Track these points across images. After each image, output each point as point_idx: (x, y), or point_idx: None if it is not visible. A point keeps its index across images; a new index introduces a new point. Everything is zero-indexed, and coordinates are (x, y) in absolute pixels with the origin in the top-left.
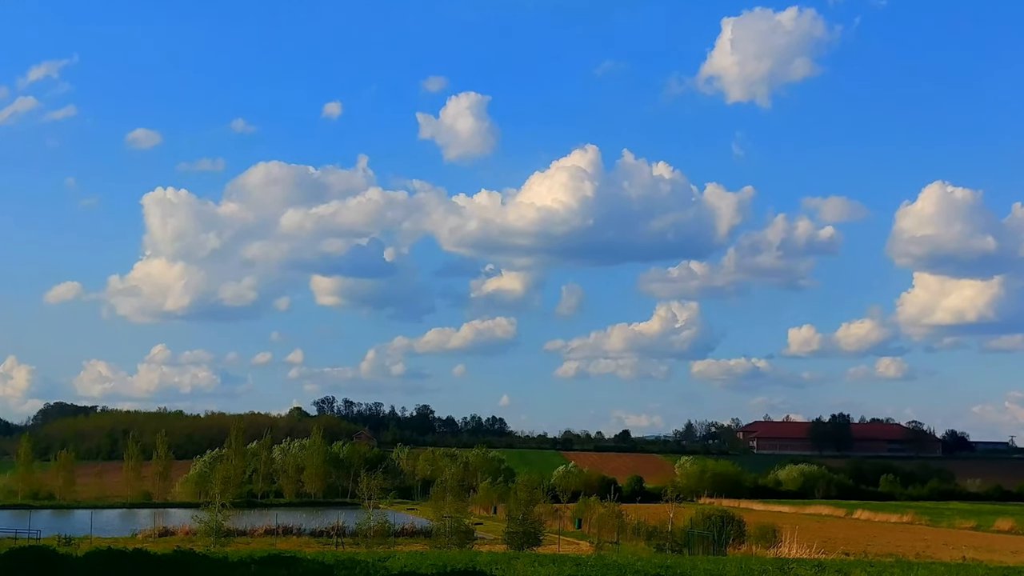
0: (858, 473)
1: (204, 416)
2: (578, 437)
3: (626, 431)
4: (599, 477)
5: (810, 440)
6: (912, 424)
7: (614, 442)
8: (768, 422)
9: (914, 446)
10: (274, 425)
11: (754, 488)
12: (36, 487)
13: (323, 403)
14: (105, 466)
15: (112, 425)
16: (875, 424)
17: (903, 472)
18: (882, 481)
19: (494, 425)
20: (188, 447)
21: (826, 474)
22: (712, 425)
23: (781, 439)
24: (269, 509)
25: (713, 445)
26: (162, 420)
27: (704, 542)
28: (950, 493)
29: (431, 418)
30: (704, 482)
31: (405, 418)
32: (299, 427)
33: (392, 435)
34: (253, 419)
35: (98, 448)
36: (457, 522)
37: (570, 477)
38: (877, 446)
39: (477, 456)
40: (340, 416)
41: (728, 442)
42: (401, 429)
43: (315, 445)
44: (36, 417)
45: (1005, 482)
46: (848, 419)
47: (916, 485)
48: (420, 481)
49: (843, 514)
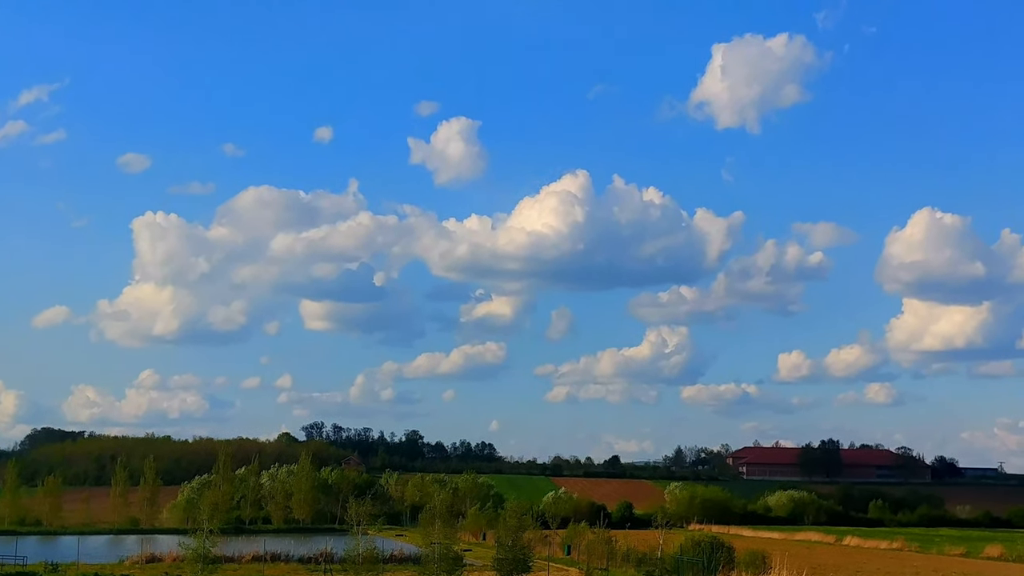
0: (847, 499)
1: (192, 441)
2: (567, 463)
3: (616, 456)
4: (588, 503)
5: (800, 466)
6: (901, 450)
7: (604, 468)
8: (758, 448)
9: (903, 472)
10: (262, 450)
11: (744, 514)
12: (23, 513)
13: (312, 428)
14: (92, 492)
15: (100, 450)
16: (864, 450)
17: (892, 498)
18: (871, 507)
19: (483, 450)
20: (176, 473)
21: (816, 500)
22: (702, 451)
23: (771, 465)
24: (257, 535)
25: (703, 471)
26: (150, 445)
27: (694, 569)
28: (939, 519)
29: (420, 443)
30: (694, 508)
31: (394, 443)
32: (288, 452)
33: (381, 460)
34: (241, 444)
35: (85, 474)
36: (446, 548)
37: (559, 503)
38: (866, 472)
39: (466, 482)
40: (329, 441)
41: (718, 468)
42: (390, 454)
43: (303, 471)
44: (23, 442)
45: (994, 508)
46: (837, 445)
47: (905, 511)
48: (409, 507)
49: (833, 540)
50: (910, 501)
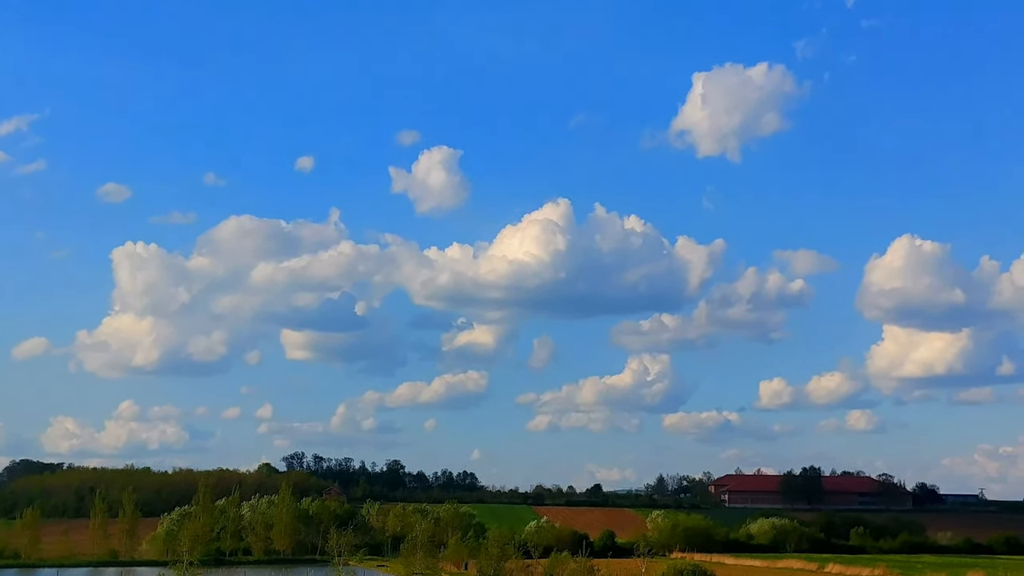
0: (829, 526)
1: (172, 472)
2: (549, 492)
3: (598, 485)
4: (571, 532)
5: (781, 493)
6: (883, 477)
7: (586, 496)
8: (739, 475)
9: (885, 499)
10: (243, 481)
11: (726, 542)
12: (1, 545)
13: (292, 459)
14: (72, 524)
15: (79, 482)
16: (846, 477)
17: (874, 525)
18: (853, 534)
19: (465, 480)
20: (156, 504)
21: (797, 528)
22: (684, 479)
23: (753, 492)
24: (237, 567)
25: (685, 499)
26: (130, 477)
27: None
28: (921, 546)
29: (402, 473)
30: (676, 536)
31: (375, 473)
32: (268, 483)
33: (362, 491)
34: (222, 475)
35: (65, 506)
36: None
37: (542, 532)
38: (848, 499)
39: (448, 512)
40: (310, 472)
41: (700, 496)
42: (371, 484)
43: (284, 501)
44: (2, 474)
45: (975, 535)
46: (819, 472)
47: (887, 538)
48: (390, 537)
49: (815, 568)
50: (891, 528)
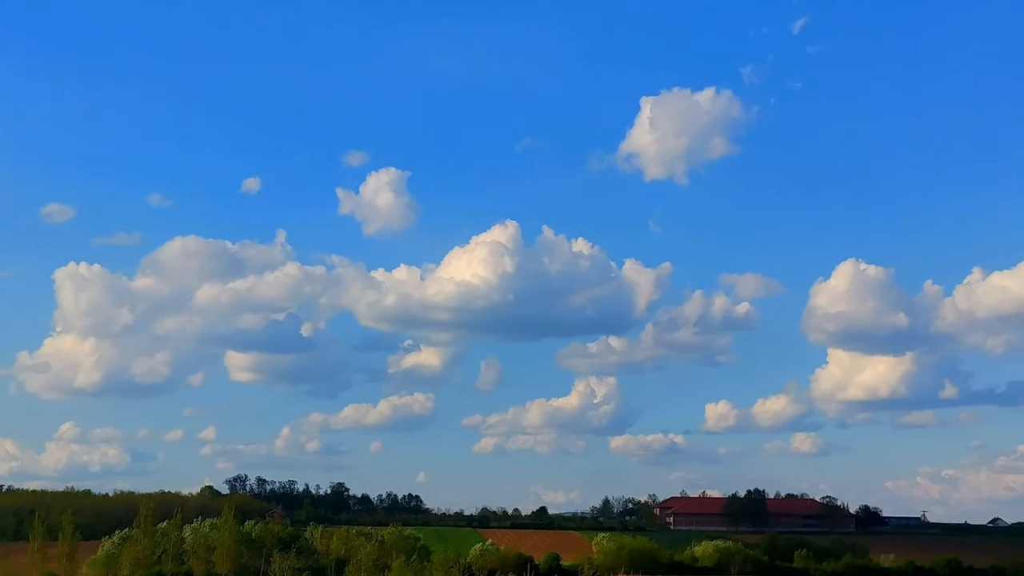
0: (773, 549)
1: (113, 495)
2: (495, 514)
3: (543, 508)
4: (516, 555)
5: (726, 516)
6: (826, 499)
7: (531, 519)
8: (685, 498)
9: (828, 521)
10: (185, 504)
11: (671, 564)
12: None
13: (235, 481)
14: (10, 547)
15: (18, 504)
16: (790, 499)
17: (817, 547)
18: (796, 556)
19: (410, 502)
20: (97, 527)
21: (742, 550)
22: (629, 501)
23: (698, 515)
24: None
25: (630, 521)
26: (70, 499)
27: None
28: (863, 568)
29: (346, 496)
30: (621, 559)
31: (320, 496)
32: (211, 506)
33: (306, 513)
34: (163, 498)
35: (3, 528)
36: None
37: (487, 555)
38: (792, 521)
39: (392, 535)
40: (253, 494)
41: (645, 518)
42: (315, 507)
43: (226, 524)
44: None
45: (918, 557)
46: (763, 495)
47: (830, 560)
48: (334, 560)
49: None
50: (835, 550)
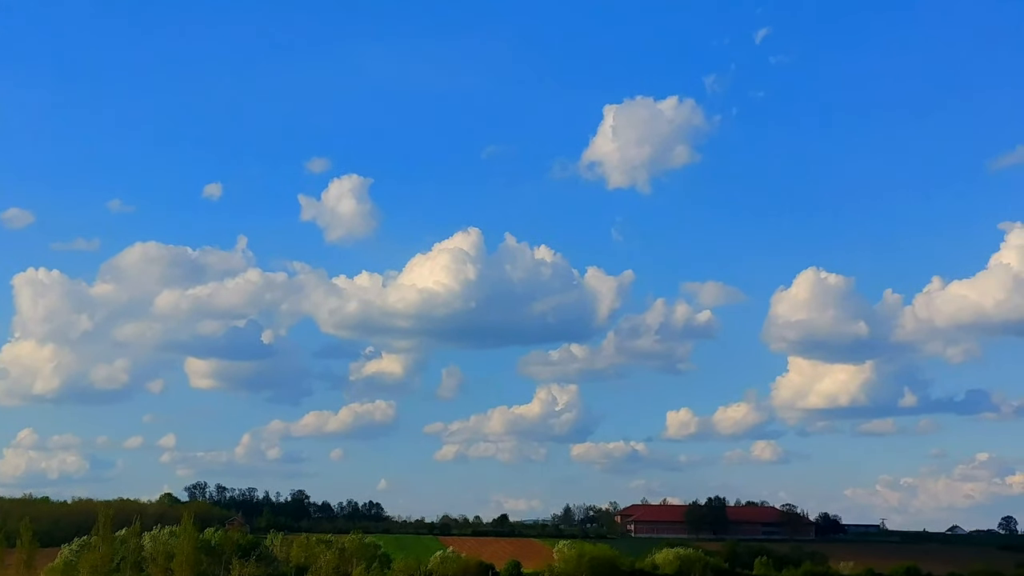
0: (733, 556)
1: (72, 502)
2: (456, 522)
3: (504, 515)
4: (477, 562)
5: (687, 523)
6: (786, 507)
7: (492, 527)
8: (646, 505)
9: (788, 529)
10: (144, 512)
11: (632, 572)
12: None
13: (195, 488)
14: None
15: None
16: (750, 507)
17: (777, 555)
18: (757, 564)
19: (371, 510)
20: (55, 534)
21: (702, 557)
22: (590, 508)
23: (658, 523)
24: None
25: (591, 529)
26: (28, 506)
27: None
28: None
29: (307, 503)
30: (582, 566)
31: (280, 503)
32: (170, 513)
33: (266, 521)
34: (122, 506)
35: None
36: None
37: (448, 563)
38: (752, 529)
39: (353, 542)
40: (213, 502)
41: (606, 526)
42: (276, 515)
43: (186, 532)
44: None
45: (877, 564)
46: (724, 502)
47: (790, 567)
48: (294, 568)
49: None
50: (794, 558)
